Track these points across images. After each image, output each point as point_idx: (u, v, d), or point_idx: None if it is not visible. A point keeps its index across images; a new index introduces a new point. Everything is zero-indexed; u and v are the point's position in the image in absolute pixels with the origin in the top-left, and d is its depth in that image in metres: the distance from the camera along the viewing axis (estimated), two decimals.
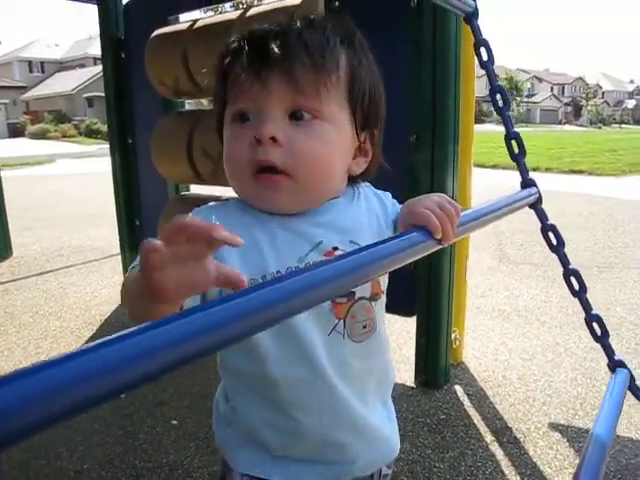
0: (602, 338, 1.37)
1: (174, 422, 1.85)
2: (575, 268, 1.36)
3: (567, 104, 69.77)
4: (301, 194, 0.72)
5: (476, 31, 1.31)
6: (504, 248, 3.98)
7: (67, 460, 1.67)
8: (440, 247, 0.73)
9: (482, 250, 4.01)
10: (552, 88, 72.70)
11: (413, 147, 1.86)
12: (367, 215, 0.80)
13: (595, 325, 1.37)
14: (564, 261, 1.35)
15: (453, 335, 2.07)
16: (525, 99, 61.68)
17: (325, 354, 0.73)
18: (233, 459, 0.80)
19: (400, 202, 0.83)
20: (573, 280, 1.36)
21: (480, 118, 58.88)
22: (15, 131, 33.11)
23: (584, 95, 66.15)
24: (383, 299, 0.80)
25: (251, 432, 0.78)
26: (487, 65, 1.30)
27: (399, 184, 1.85)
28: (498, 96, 1.31)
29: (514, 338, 2.45)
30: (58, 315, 2.90)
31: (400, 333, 2.45)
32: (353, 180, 0.81)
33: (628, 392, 1.28)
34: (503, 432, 1.73)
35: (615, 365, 1.37)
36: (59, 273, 3.72)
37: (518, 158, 1.31)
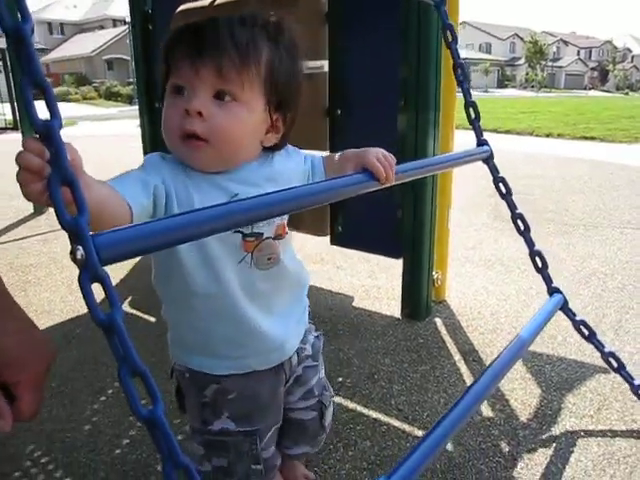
0: (542, 270, 1.69)
1: None
2: (520, 212, 1.67)
3: (594, 69, 67.98)
4: (216, 157, 0.94)
5: (443, 17, 1.60)
6: (499, 208, 4.26)
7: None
8: (382, 187, 1.06)
9: (479, 209, 4.33)
10: (579, 52, 70.78)
11: (401, 110, 2.16)
12: (279, 173, 1.04)
13: (537, 258, 1.69)
14: (512, 207, 1.66)
15: (435, 275, 2.41)
16: (550, 63, 60.25)
17: (234, 278, 1.00)
18: (173, 353, 1.11)
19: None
20: (519, 222, 1.67)
21: (503, 83, 57.83)
22: (36, 94, 33.41)
23: (611, 59, 64.41)
24: (287, 238, 1.09)
25: (181, 335, 1.09)
26: (451, 45, 1.60)
27: (390, 141, 2.17)
28: (459, 71, 1.60)
29: (494, 283, 2.78)
30: None
31: (392, 273, 2.80)
32: (269, 148, 1.05)
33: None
34: (470, 353, 2.08)
35: (552, 291, 1.69)
36: None
37: (474, 122, 1.61)
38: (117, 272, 3.01)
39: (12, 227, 4.25)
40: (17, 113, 7.99)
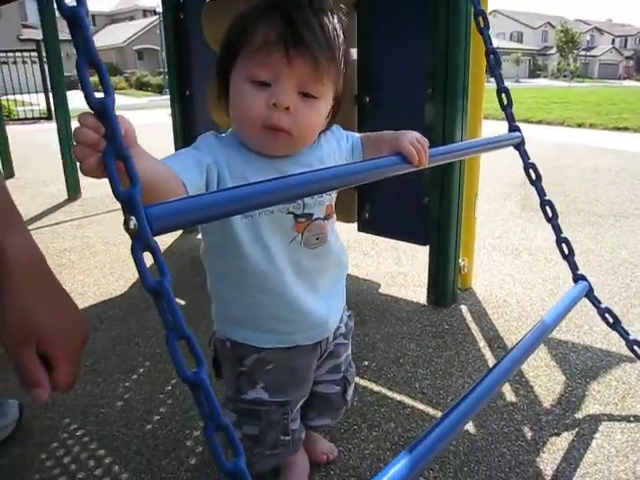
0: (568, 257, 1.69)
1: None
2: (549, 199, 1.67)
3: (629, 57, 66.27)
4: (292, 145, 1.00)
5: (475, 3, 1.60)
6: (528, 198, 4.23)
7: None
8: (415, 169, 1.09)
9: (507, 199, 4.30)
10: (613, 40, 69.02)
11: (429, 98, 2.17)
12: (327, 153, 1.10)
13: (564, 245, 1.69)
14: (540, 193, 1.66)
15: (462, 263, 2.42)
16: (583, 52, 58.90)
17: (284, 257, 1.05)
18: (217, 326, 1.17)
19: None
20: (548, 209, 1.68)
21: (535, 72, 56.79)
22: (69, 84, 34.00)
23: None
24: (334, 218, 1.15)
25: (227, 309, 1.13)
26: (483, 31, 1.60)
27: (417, 129, 2.17)
28: (492, 57, 1.61)
29: (521, 272, 2.77)
30: (127, 244, 3.37)
31: (419, 261, 2.82)
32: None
33: None
34: (495, 340, 2.09)
35: (577, 278, 1.69)
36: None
37: (506, 108, 1.62)
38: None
39: (47, 212, 4.36)
40: (51, 103, 8.13)
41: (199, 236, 3.39)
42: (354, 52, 2.44)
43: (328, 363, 1.27)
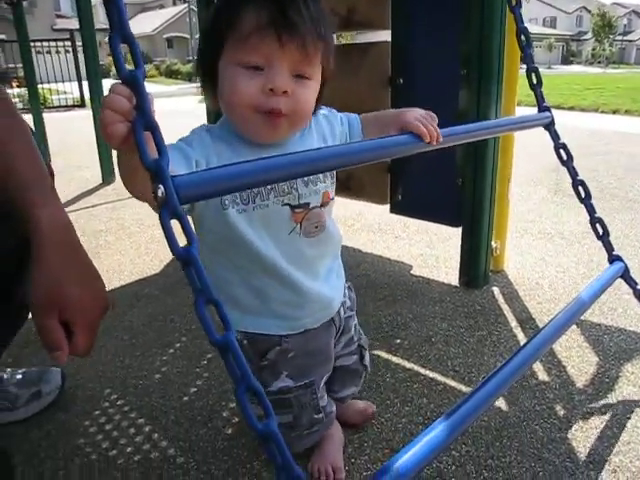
0: (603, 237, 1.68)
1: None
2: (581, 179, 1.66)
3: None
4: (289, 129, 1.00)
5: None
6: (561, 183, 4.17)
7: None
8: (430, 148, 1.08)
9: (539, 184, 4.25)
10: None
11: (463, 80, 2.16)
12: (317, 141, 1.10)
13: (597, 226, 1.68)
14: (573, 173, 1.65)
15: (494, 245, 2.41)
16: (619, 37, 57.30)
17: (285, 248, 1.06)
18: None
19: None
20: (580, 189, 1.67)
21: (568, 59, 55.50)
22: (101, 72, 34.59)
23: None
24: (331, 204, 1.14)
25: (236, 298, 1.10)
26: (515, 10, 1.59)
27: (451, 111, 2.18)
28: (523, 36, 1.60)
29: (553, 255, 2.75)
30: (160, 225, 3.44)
31: (451, 244, 2.83)
32: None
33: None
34: (527, 321, 2.09)
35: (613, 259, 1.68)
36: None
37: (536, 88, 1.61)
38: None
39: (83, 196, 4.47)
40: (85, 91, 8.26)
41: None
42: (388, 33, 2.44)
43: (343, 339, 1.31)
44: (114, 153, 0.79)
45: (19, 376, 1.66)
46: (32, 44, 12.12)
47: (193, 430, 1.54)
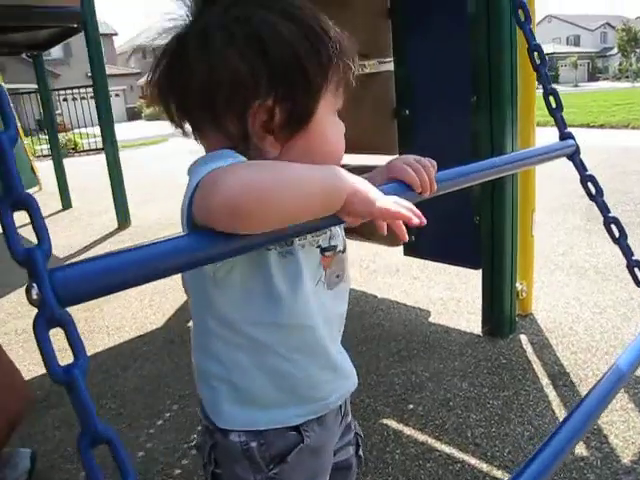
0: None
1: None
2: (614, 216, 1.43)
3: None
4: None
5: None
6: (593, 209, 3.89)
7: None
8: (421, 199, 0.86)
9: (570, 211, 3.97)
10: None
11: (474, 107, 1.96)
12: None
13: (637, 270, 1.44)
14: (603, 209, 1.42)
15: (520, 287, 2.17)
16: None
17: (314, 303, 0.81)
18: (224, 418, 0.83)
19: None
20: (613, 227, 1.43)
21: (594, 75, 54.79)
22: (133, 114, 35.59)
23: None
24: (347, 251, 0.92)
25: (243, 386, 0.82)
26: (524, 26, 1.39)
27: (463, 141, 1.98)
28: (535, 54, 1.39)
29: (588, 293, 2.48)
30: None
31: (473, 284, 2.58)
32: None
33: None
34: (560, 377, 1.83)
35: None
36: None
37: (555, 112, 1.39)
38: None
39: (97, 242, 4.40)
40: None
41: None
42: (390, 63, 2.27)
43: (341, 426, 1.01)
44: (130, 198, 0.62)
45: None
46: (64, 92, 12.61)
47: None
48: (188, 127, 0.82)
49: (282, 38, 0.72)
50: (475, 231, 2.10)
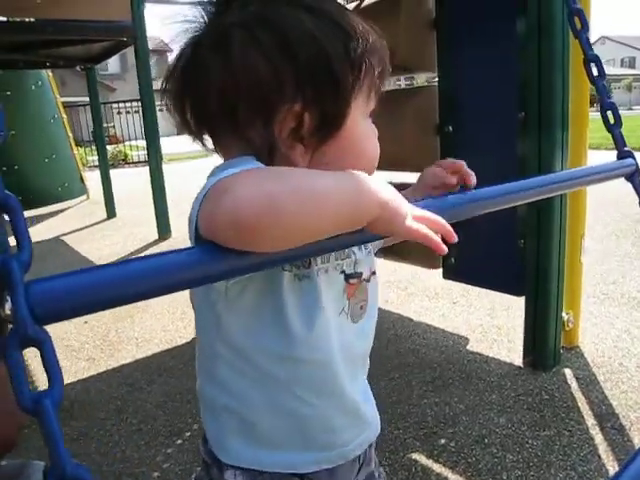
0: None
1: None
2: None
3: None
4: None
5: (570, 2, 1.30)
6: None
7: None
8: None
9: (622, 237, 3.76)
10: None
11: (521, 124, 1.85)
12: None
13: None
14: None
15: (566, 317, 2.03)
16: None
17: (336, 336, 0.72)
18: (226, 451, 0.75)
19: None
20: None
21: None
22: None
23: None
24: (376, 280, 0.80)
25: (251, 421, 0.74)
26: (580, 34, 1.29)
27: (508, 160, 1.88)
28: (593, 65, 1.29)
29: None
30: None
31: (516, 311, 2.43)
32: None
33: None
34: (608, 418, 1.69)
35: None
36: None
37: (613, 129, 1.28)
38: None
39: (136, 252, 4.43)
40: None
41: None
42: (434, 76, 2.19)
43: (361, 475, 0.88)
44: (172, 210, 0.56)
45: None
46: (117, 105, 13.24)
47: None
48: (208, 139, 0.76)
49: (308, 35, 0.65)
50: (519, 256, 1.98)
